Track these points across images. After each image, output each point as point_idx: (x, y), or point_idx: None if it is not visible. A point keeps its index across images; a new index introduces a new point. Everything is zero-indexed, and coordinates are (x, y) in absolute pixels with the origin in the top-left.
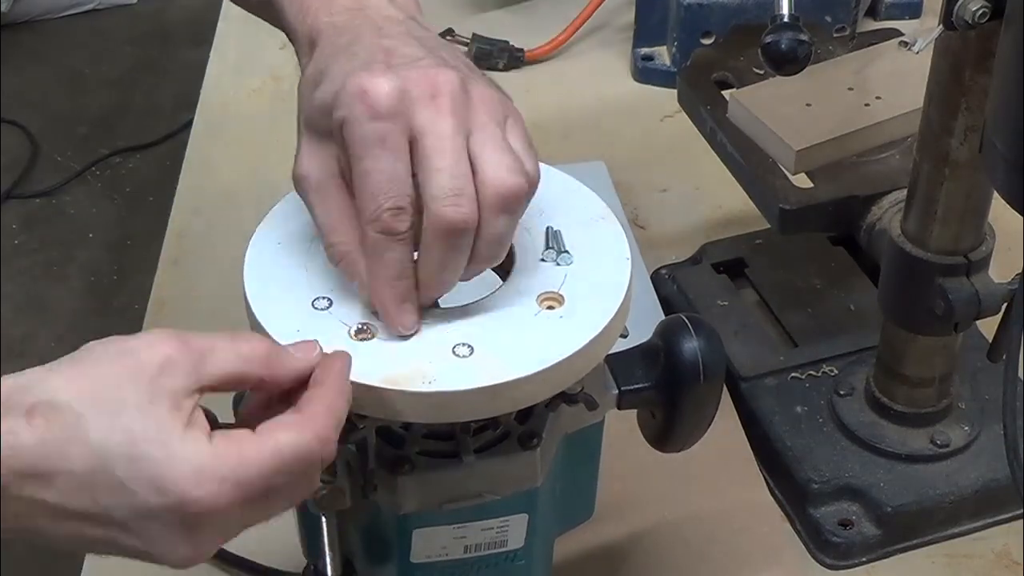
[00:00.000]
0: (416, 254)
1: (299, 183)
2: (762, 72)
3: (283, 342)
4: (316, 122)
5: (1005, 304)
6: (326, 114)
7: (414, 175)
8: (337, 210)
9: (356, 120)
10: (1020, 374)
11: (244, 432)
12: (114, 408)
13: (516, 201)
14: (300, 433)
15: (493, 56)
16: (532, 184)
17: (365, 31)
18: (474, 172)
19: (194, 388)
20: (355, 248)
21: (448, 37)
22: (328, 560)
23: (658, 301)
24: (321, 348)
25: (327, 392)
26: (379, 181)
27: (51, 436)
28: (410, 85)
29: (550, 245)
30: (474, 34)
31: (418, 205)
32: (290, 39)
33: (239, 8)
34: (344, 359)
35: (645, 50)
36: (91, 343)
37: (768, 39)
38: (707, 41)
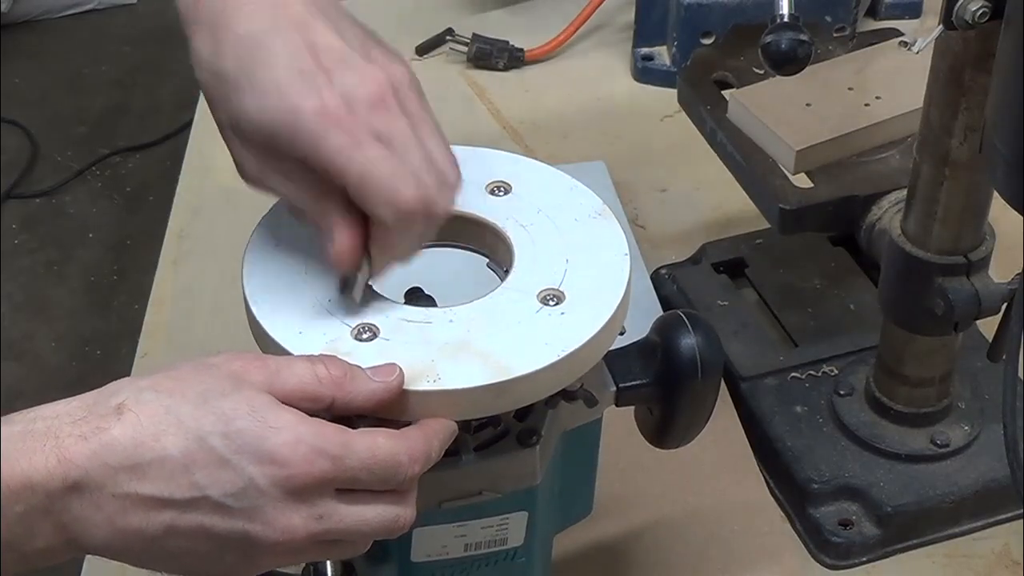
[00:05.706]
0: None
1: (256, 185)
2: (762, 72)
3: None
4: (251, 133)
5: (1005, 304)
6: (263, 129)
7: None
8: (309, 188)
9: (323, 136)
10: (1020, 374)
11: (341, 426)
12: (201, 398)
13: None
14: (397, 442)
15: (493, 56)
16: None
17: (265, 8)
18: None
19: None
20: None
21: (448, 37)
22: (328, 560)
23: (658, 301)
24: (401, 371)
25: (427, 425)
26: (383, 176)
27: (143, 427)
28: (355, 93)
29: None
30: (474, 34)
31: None
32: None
33: None
34: (453, 427)
35: (645, 50)
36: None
37: (768, 39)
38: (707, 41)
